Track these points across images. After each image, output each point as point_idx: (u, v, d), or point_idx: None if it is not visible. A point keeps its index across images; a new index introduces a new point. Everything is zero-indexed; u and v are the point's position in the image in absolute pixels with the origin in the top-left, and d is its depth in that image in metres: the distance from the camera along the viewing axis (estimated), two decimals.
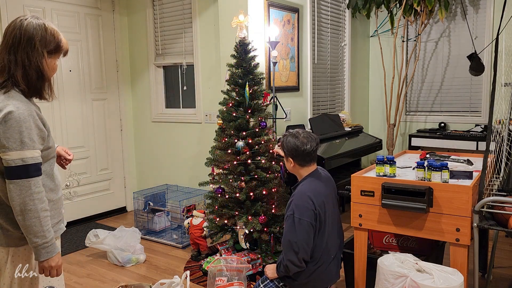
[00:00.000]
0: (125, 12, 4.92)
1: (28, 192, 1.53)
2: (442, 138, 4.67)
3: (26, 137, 1.53)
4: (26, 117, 1.54)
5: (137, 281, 3.18)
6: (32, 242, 1.58)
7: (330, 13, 4.82)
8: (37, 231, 1.57)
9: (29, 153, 1.54)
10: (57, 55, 1.68)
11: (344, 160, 4.09)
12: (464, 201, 2.18)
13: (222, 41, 3.80)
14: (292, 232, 2.19)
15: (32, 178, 1.54)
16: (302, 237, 2.18)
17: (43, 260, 1.61)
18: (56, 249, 1.64)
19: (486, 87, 4.81)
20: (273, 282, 2.32)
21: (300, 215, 2.18)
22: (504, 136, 2.90)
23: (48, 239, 1.60)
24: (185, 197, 4.16)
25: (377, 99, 5.65)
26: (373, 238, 2.85)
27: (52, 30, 1.63)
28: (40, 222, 1.57)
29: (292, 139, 2.31)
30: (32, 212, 1.55)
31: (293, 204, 2.24)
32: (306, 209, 2.20)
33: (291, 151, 2.31)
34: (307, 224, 2.18)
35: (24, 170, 1.52)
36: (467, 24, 4.82)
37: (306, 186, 2.29)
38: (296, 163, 2.33)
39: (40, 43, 1.59)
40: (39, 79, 1.63)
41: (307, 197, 2.22)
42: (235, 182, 3.21)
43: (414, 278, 2.07)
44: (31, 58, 1.58)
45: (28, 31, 1.58)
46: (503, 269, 3.22)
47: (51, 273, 1.66)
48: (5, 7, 3.88)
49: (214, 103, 4.19)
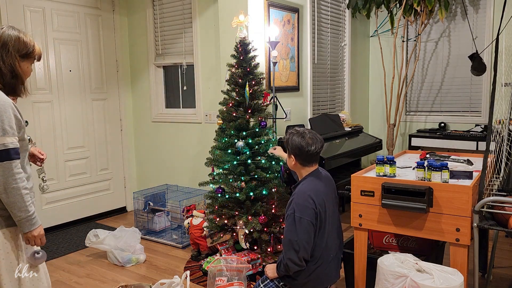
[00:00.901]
0: (125, 12, 4.92)
1: (11, 173, 1.74)
2: (442, 138, 4.67)
3: (7, 124, 1.74)
4: (6, 107, 1.75)
5: (137, 281, 3.18)
6: (17, 216, 1.79)
7: (330, 13, 4.82)
8: (21, 206, 1.78)
9: (10, 139, 1.75)
10: (30, 60, 1.90)
11: (344, 160, 4.09)
12: (464, 201, 2.18)
13: (222, 41, 3.80)
14: (292, 231, 2.20)
15: (13, 161, 1.75)
16: (302, 236, 2.18)
17: (27, 232, 1.83)
18: (38, 222, 1.86)
19: (486, 87, 4.81)
20: (273, 281, 2.33)
21: (301, 214, 2.19)
22: (504, 136, 2.90)
23: (30, 213, 1.81)
24: (185, 197, 4.16)
25: (377, 99, 5.65)
26: (373, 238, 2.85)
27: (24, 39, 1.86)
28: (22, 198, 1.77)
29: (298, 138, 2.30)
30: (15, 190, 1.75)
31: (293, 203, 2.24)
32: (306, 208, 2.20)
33: (295, 149, 2.31)
34: (307, 223, 2.19)
35: (6, 154, 1.73)
36: (468, 24, 4.82)
37: (306, 185, 2.29)
38: (298, 162, 2.33)
39: (13, 48, 1.82)
40: (13, 78, 1.84)
41: (308, 196, 2.22)
42: (235, 182, 3.21)
43: (414, 278, 2.07)
44: (5, 60, 1.81)
45: (4, 38, 1.82)
46: (503, 269, 3.22)
47: (35, 242, 1.87)
48: (5, 7, 3.88)
49: (214, 103, 4.19)
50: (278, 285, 2.31)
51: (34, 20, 4.12)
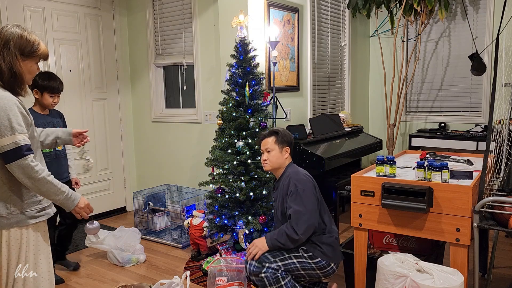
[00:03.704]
0: (125, 12, 4.92)
1: (30, 167, 1.75)
2: (442, 138, 4.67)
3: (15, 122, 1.74)
4: (11, 105, 1.75)
5: (137, 281, 3.18)
6: (56, 200, 1.86)
7: (330, 13, 4.82)
8: (55, 191, 1.83)
9: (20, 137, 1.75)
10: (33, 59, 1.87)
11: (344, 160, 4.09)
12: (464, 201, 2.18)
13: (222, 41, 3.79)
14: (299, 204, 2.41)
15: (27, 156, 1.75)
16: (310, 206, 2.41)
17: (73, 207, 1.91)
18: (77, 195, 1.92)
19: (486, 87, 4.81)
20: (272, 268, 2.37)
21: (303, 187, 2.44)
22: (504, 136, 2.90)
23: (66, 191, 1.87)
24: (185, 197, 4.16)
25: (377, 99, 5.65)
26: (373, 238, 2.85)
27: (28, 37, 1.85)
28: (52, 183, 1.82)
29: (286, 132, 2.64)
30: (41, 180, 1.78)
31: (292, 180, 2.48)
32: (307, 181, 2.48)
33: (290, 141, 2.64)
34: (311, 193, 2.44)
35: (19, 151, 1.74)
36: (468, 24, 4.82)
37: (296, 168, 2.60)
38: (291, 152, 2.64)
39: (14, 46, 1.80)
40: (12, 77, 1.81)
41: (304, 173, 2.54)
42: (235, 182, 3.21)
43: (414, 278, 2.07)
44: (5, 58, 1.79)
45: (6, 36, 1.81)
46: (503, 269, 3.22)
47: (85, 212, 1.95)
48: (5, 7, 3.88)
49: (214, 103, 4.19)
50: (278, 271, 2.38)
51: (34, 20, 4.12)
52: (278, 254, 2.44)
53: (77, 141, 2.27)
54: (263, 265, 2.39)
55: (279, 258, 2.42)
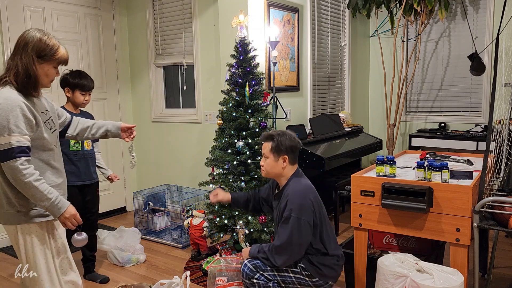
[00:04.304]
0: (125, 12, 4.92)
1: (17, 170, 1.77)
2: (442, 138, 4.67)
3: (12, 124, 1.77)
4: (14, 107, 1.78)
5: (137, 281, 3.18)
6: (42, 206, 1.86)
7: (330, 13, 4.82)
8: (41, 197, 1.82)
9: (15, 138, 1.77)
10: (50, 62, 1.91)
11: (344, 160, 4.09)
12: (464, 201, 2.18)
13: (222, 41, 3.79)
14: (287, 235, 2.24)
15: (18, 158, 1.77)
16: (297, 240, 2.24)
17: (59, 216, 1.89)
18: (65, 204, 1.90)
19: (486, 87, 4.81)
20: (266, 276, 2.32)
21: (299, 215, 2.24)
22: (504, 136, 2.90)
23: (53, 199, 1.85)
24: (185, 197, 4.16)
25: (377, 99, 5.65)
26: (373, 238, 2.85)
27: (47, 41, 1.88)
28: (38, 189, 1.81)
29: (285, 138, 2.36)
30: (27, 184, 1.79)
31: (290, 204, 2.27)
32: (305, 207, 2.26)
33: (288, 148, 2.35)
34: (305, 224, 2.24)
35: (10, 152, 1.76)
36: (467, 24, 4.82)
37: (299, 184, 2.35)
38: (290, 161, 2.38)
39: (32, 49, 1.85)
40: (26, 78, 1.85)
41: (306, 195, 2.29)
42: (235, 182, 3.21)
43: (414, 278, 2.07)
44: (22, 60, 1.84)
45: (26, 39, 1.86)
46: (503, 269, 3.22)
47: (71, 223, 1.92)
48: (5, 7, 3.88)
49: (214, 103, 4.19)
50: (271, 280, 2.33)
51: (34, 20, 4.12)
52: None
53: (125, 135, 2.31)
54: (257, 270, 2.32)
55: (276, 268, 2.35)
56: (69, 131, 2.21)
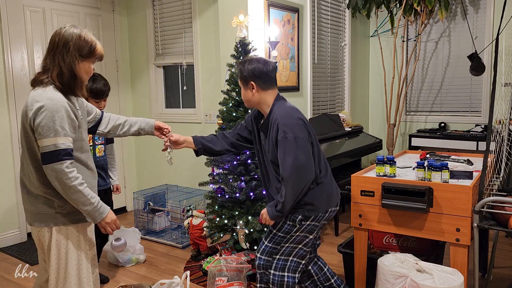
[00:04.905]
0: (125, 12, 4.92)
1: (63, 173, 1.73)
2: (442, 138, 4.67)
3: (58, 125, 1.73)
4: (59, 108, 1.74)
5: (137, 281, 3.18)
6: (84, 210, 1.83)
7: (330, 13, 4.82)
8: (84, 201, 1.80)
9: (61, 140, 1.74)
10: (91, 59, 1.88)
11: (344, 160, 4.09)
12: (464, 201, 2.18)
13: (222, 41, 3.80)
14: (291, 155, 2.05)
15: (63, 161, 1.74)
16: (304, 157, 2.05)
17: (100, 221, 1.87)
18: (106, 209, 1.89)
19: (486, 87, 4.81)
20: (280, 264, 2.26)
21: (294, 133, 2.07)
22: (504, 136, 2.91)
23: (95, 203, 1.84)
24: (185, 197, 4.16)
25: (377, 99, 5.65)
26: (373, 238, 2.85)
27: (86, 37, 1.84)
28: (82, 193, 1.79)
29: (249, 64, 2.20)
30: (72, 188, 1.76)
31: (280, 126, 2.09)
32: (297, 125, 2.09)
33: (252, 74, 2.17)
34: (303, 140, 2.08)
35: (56, 154, 1.73)
36: (467, 24, 4.82)
37: (282, 106, 2.17)
38: (260, 87, 2.19)
39: (74, 47, 1.80)
40: (72, 78, 1.82)
41: (292, 115, 2.12)
42: (235, 182, 3.21)
43: (414, 278, 2.08)
44: (65, 60, 1.80)
45: (65, 37, 1.80)
46: (503, 269, 3.22)
47: (111, 228, 1.91)
48: (5, 7, 3.88)
49: (214, 103, 4.19)
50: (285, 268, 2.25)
51: (34, 20, 4.12)
52: (279, 248, 2.29)
53: (158, 133, 2.25)
54: (272, 257, 2.27)
55: (283, 252, 2.28)
56: (100, 127, 2.14)
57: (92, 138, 2.97)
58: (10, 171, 4.02)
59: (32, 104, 1.75)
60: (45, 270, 1.97)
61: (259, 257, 2.35)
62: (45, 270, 1.97)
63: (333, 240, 3.93)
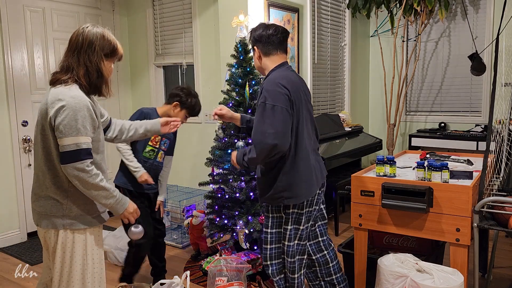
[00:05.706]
0: (125, 12, 4.92)
1: (85, 171, 1.74)
2: (442, 138, 4.67)
3: (80, 124, 1.72)
4: (81, 106, 1.73)
5: (137, 281, 3.18)
6: (106, 204, 1.85)
7: (330, 13, 4.82)
8: (106, 195, 1.82)
9: (83, 139, 1.73)
10: (113, 58, 1.88)
11: (344, 160, 4.09)
12: (464, 201, 2.18)
13: (222, 41, 3.80)
14: (266, 122, 2.02)
15: (85, 160, 1.74)
16: (279, 126, 2.01)
17: (122, 212, 1.91)
18: (127, 200, 1.93)
19: (486, 87, 4.81)
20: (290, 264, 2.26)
21: (274, 101, 2.04)
22: (504, 136, 2.91)
23: (117, 196, 1.86)
24: (185, 197, 4.16)
25: (377, 99, 5.65)
26: (373, 238, 2.85)
27: (108, 37, 1.84)
28: (104, 189, 1.81)
29: (256, 28, 2.23)
30: (95, 185, 1.78)
31: (264, 91, 2.07)
32: (279, 93, 2.05)
33: (257, 38, 2.20)
34: (282, 110, 2.03)
35: (77, 154, 1.72)
36: (467, 24, 4.82)
37: (276, 74, 2.15)
38: (262, 51, 2.20)
39: (99, 47, 1.81)
40: (99, 78, 1.82)
41: (278, 83, 2.08)
42: (235, 182, 3.21)
43: (414, 278, 2.08)
44: (92, 59, 1.79)
45: (89, 37, 1.80)
46: (503, 269, 3.22)
47: (133, 217, 1.95)
48: (5, 7, 3.88)
49: (214, 103, 4.19)
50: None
51: (34, 20, 4.12)
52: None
53: (166, 128, 2.22)
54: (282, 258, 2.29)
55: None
56: (108, 133, 2.11)
57: (160, 142, 2.91)
58: (10, 171, 4.02)
59: (54, 102, 1.73)
60: (49, 269, 1.95)
61: (269, 264, 2.34)
62: (50, 269, 1.94)
63: (333, 240, 3.92)
